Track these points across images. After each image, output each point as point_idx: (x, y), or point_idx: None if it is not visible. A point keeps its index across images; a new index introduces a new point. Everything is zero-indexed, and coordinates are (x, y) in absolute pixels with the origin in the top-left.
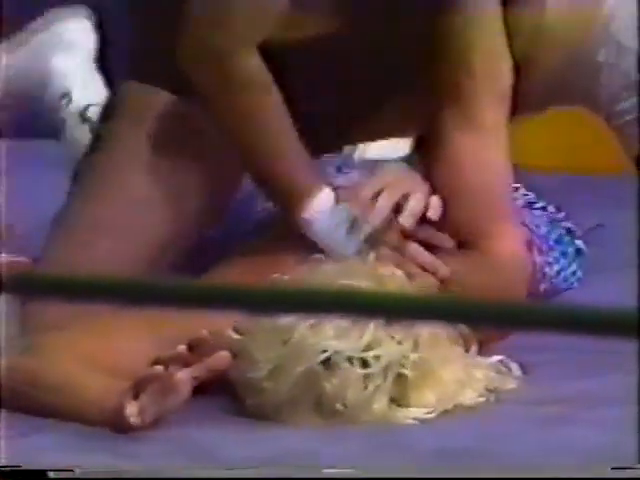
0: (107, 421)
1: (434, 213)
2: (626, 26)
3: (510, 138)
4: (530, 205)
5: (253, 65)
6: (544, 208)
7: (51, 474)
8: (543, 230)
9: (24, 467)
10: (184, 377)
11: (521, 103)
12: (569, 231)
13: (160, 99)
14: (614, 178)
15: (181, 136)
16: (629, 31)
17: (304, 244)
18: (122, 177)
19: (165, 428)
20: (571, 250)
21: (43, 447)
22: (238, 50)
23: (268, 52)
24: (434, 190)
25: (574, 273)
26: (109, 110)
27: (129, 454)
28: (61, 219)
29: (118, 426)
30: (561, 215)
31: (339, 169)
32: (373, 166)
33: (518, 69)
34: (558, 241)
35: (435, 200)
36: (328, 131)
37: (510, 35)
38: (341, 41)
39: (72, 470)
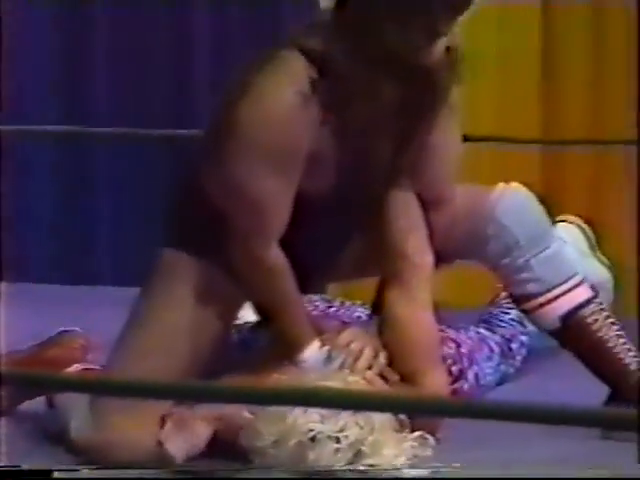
0: (153, 459)
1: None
2: (506, 209)
3: None
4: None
5: (275, 255)
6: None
7: (56, 473)
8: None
9: (30, 467)
10: (201, 418)
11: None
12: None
13: (190, 261)
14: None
15: (204, 288)
16: (508, 213)
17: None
18: (160, 315)
19: None
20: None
21: None
22: (268, 246)
23: None
24: (384, 342)
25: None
26: (153, 268)
27: None
28: (118, 342)
29: (161, 458)
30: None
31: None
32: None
33: (437, 253)
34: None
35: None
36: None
37: (432, 233)
38: (322, 202)
39: (77, 470)
